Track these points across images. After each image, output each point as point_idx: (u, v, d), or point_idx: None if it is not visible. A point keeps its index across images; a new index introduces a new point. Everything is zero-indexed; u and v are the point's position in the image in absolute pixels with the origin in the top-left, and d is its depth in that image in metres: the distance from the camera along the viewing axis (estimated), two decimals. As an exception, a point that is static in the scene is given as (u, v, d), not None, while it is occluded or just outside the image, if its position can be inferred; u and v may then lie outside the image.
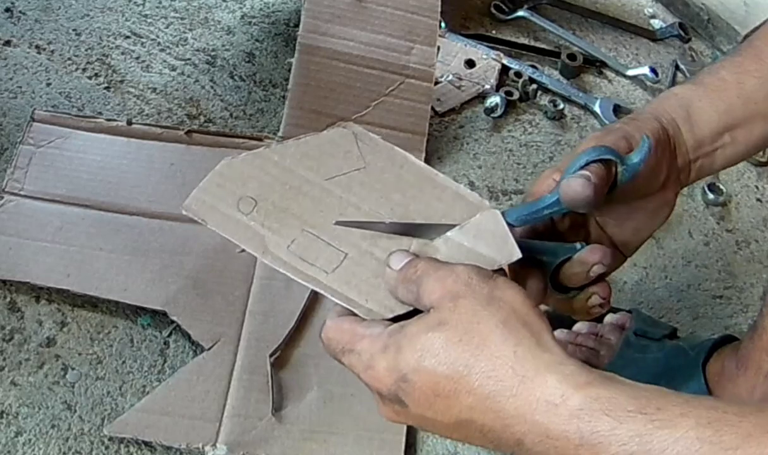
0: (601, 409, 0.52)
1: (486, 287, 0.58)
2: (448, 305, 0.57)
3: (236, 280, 1.05)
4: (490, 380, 0.55)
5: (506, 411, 0.55)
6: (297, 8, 1.35)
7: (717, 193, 1.29)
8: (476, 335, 0.56)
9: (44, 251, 1.03)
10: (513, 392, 0.54)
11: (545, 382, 0.54)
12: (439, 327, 0.57)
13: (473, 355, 0.55)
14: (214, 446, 0.94)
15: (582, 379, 0.53)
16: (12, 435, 0.93)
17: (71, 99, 1.20)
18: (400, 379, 0.58)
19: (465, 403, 0.56)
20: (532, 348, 0.55)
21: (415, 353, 0.57)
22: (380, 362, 0.59)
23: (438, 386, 0.56)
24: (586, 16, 1.52)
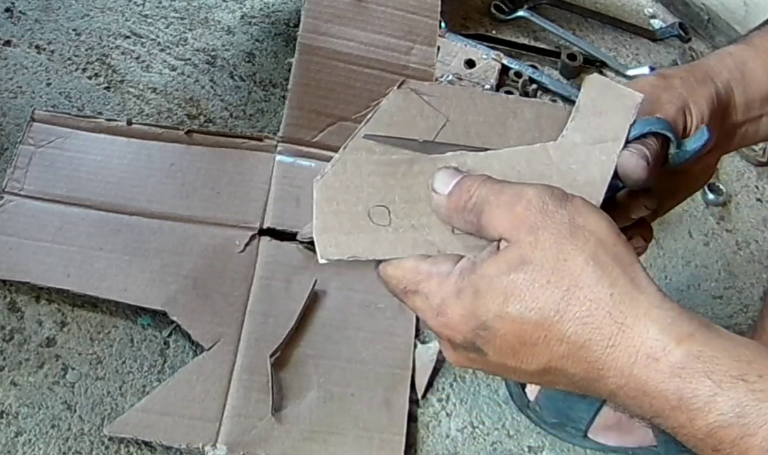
0: (703, 370, 0.48)
1: (566, 214, 0.51)
2: (528, 239, 0.51)
3: (236, 280, 1.05)
4: (585, 327, 0.50)
5: (602, 361, 0.50)
6: (297, 8, 1.35)
7: (717, 193, 1.29)
8: (566, 275, 0.50)
9: (44, 251, 1.03)
10: (611, 341, 0.50)
11: (646, 331, 0.49)
12: (522, 267, 0.50)
13: (564, 299, 0.50)
14: (214, 446, 0.94)
15: (684, 330, 0.49)
16: (12, 435, 0.93)
17: (71, 99, 1.20)
18: (479, 327, 0.52)
19: (556, 352, 0.51)
20: (629, 290, 0.50)
21: (497, 297, 0.51)
22: (454, 307, 0.53)
23: (525, 333, 0.51)
24: (586, 16, 1.52)
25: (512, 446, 1.02)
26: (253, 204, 1.11)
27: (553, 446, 1.02)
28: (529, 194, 0.52)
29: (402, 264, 0.56)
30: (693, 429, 0.48)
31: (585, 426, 0.99)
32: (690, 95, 0.69)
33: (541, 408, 1.00)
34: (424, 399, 1.03)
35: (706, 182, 0.77)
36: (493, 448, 1.01)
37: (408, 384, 1.02)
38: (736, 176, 1.34)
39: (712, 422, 0.47)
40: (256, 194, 1.12)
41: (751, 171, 1.35)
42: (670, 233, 1.25)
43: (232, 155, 1.15)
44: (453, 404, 1.04)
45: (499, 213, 0.52)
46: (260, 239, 1.09)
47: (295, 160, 1.16)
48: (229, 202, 1.11)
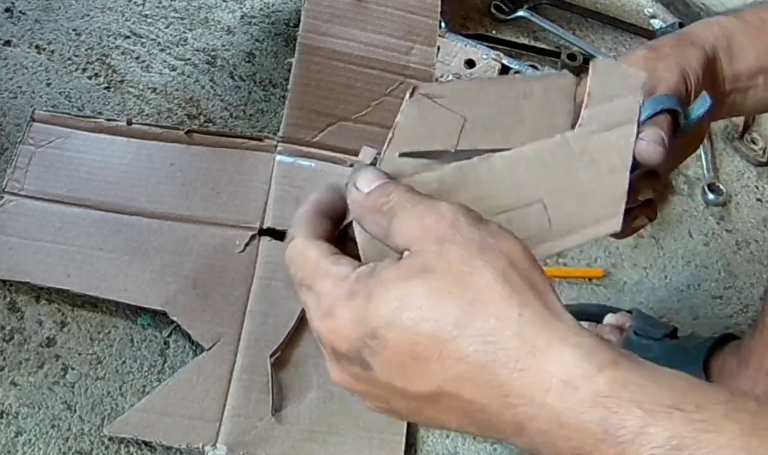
0: (631, 399, 0.42)
1: (477, 232, 0.47)
2: (432, 249, 0.46)
3: (236, 280, 1.05)
4: (488, 346, 0.44)
5: (508, 387, 0.44)
6: (297, 8, 1.35)
7: (717, 193, 1.29)
8: (470, 288, 0.45)
9: (44, 251, 1.03)
10: (519, 365, 0.44)
11: (562, 357, 0.43)
12: (422, 274, 0.45)
13: (466, 312, 0.44)
14: (214, 446, 0.94)
15: (606, 357, 0.44)
16: (12, 435, 0.93)
17: (71, 99, 1.20)
18: (367, 335, 0.46)
19: (452, 371, 0.45)
20: (542, 313, 0.45)
21: (391, 303, 0.45)
22: (344, 311, 0.47)
23: (417, 347, 0.45)
24: (586, 16, 1.52)
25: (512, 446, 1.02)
26: (253, 204, 1.11)
27: (553, 446, 1.02)
28: (443, 209, 0.48)
29: (307, 252, 0.51)
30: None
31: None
32: (684, 61, 0.69)
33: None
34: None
35: (697, 148, 0.78)
36: (493, 448, 1.01)
37: (408, 384, 1.02)
38: (736, 176, 1.34)
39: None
40: (256, 194, 1.12)
41: (751, 171, 1.35)
42: (670, 233, 1.25)
43: (232, 155, 1.15)
44: (453, 404, 1.03)
45: (409, 221, 0.48)
46: (260, 239, 1.09)
47: (295, 160, 1.16)
48: (229, 202, 1.11)
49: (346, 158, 1.16)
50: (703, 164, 1.33)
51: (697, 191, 1.30)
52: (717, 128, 1.38)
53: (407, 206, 0.48)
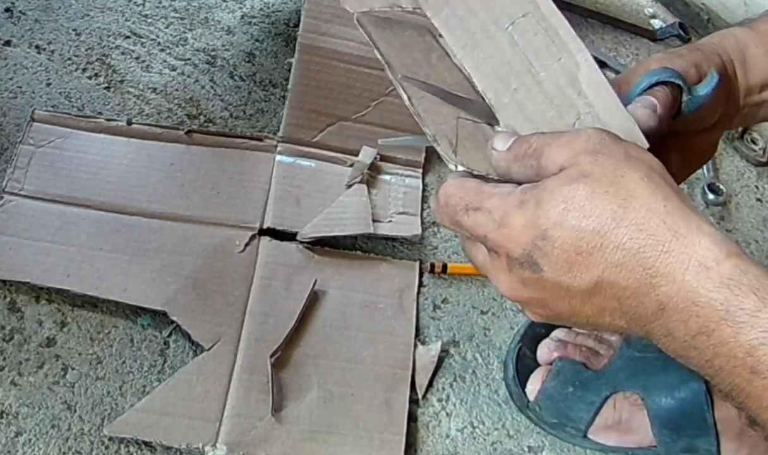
0: (749, 285, 0.50)
1: (621, 147, 0.55)
2: (588, 159, 0.54)
3: (236, 280, 1.05)
4: (641, 233, 0.52)
5: (656, 268, 0.51)
6: (297, 8, 1.35)
7: (717, 193, 1.29)
8: (623, 188, 0.52)
9: (44, 251, 1.03)
10: (665, 247, 0.51)
11: (699, 241, 0.51)
12: (582, 179, 0.53)
13: (621, 206, 0.52)
14: (214, 446, 0.94)
15: (732, 247, 0.51)
16: (12, 435, 0.93)
17: (71, 99, 1.20)
18: (538, 236, 0.54)
19: (611, 260, 0.52)
20: (681, 205, 0.52)
21: (558, 205, 0.53)
22: (516, 218, 0.54)
23: (582, 241, 0.53)
24: (586, 16, 1.52)
25: (512, 446, 1.02)
26: (253, 204, 1.11)
27: (553, 446, 1.02)
28: (589, 132, 0.55)
29: (464, 183, 0.58)
30: (735, 346, 0.49)
31: (585, 426, 0.98)
32: (700, 58, 0.71)
33: (541, 408, 1.00)
34: (424, 399, 1.03)
35: (709, 159, 0.80)
36: (493, 448, 1.01)
37: (408, 384, 1.02)
38: (736, 176, 1.34)
39: (753, 338, 0.48)
40: (256, 194, 1.12)
41: (751, 171, 1.35)
42: (670, 233, 1.25)
43: (232, 155, 1.15)
44: (453, 404, 1.03)
45: (559, 149, 0.55)
46: (260, 239, 1.09)
47: (295, 160, 1.16)
48: (229, 202, 1.11)
49: (346, 158, 1.16)
50: (703, 164, 1.33)
51: (697, 191, 1.30)
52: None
53: (551, 142, 0.56)
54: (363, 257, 1.11)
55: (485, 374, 1.06)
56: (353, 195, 1.13)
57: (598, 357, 1.01)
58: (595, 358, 1.00)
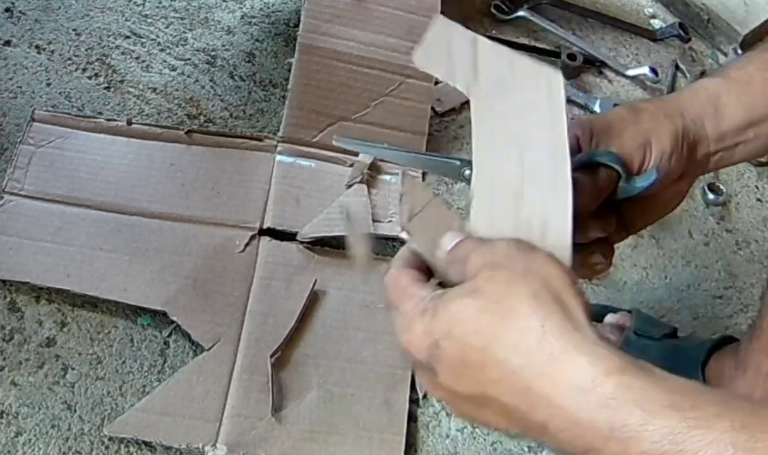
0: (633, 400, 0.49)
1: (524, 259, 0.55)
2: (486, 274, 0.55)
3: (236, 280, 1.05)
4: (517, 353, 0.52)
5: (533, 391, 0.51)
6: (297, 8, 1.35)
7: (717, 193, 1.29)
8: (507, 306, 0.53)
9: (44, 251, 1.03)
10: (540, 370, 0.51)
11: (575, 364, 0.50)
12: (472, 294, 0.55)
13: (500, 325, 0.53)
14: (214, 446, 0.94)
15: (615, 364, 0.50)
16: (12, 435, 0.93)
17: (71, 99, 1.20)
18: (432, 345, 0.55)
19: (492, 376, 0.53)
20: (562, 324, 0.52)
21: (447, 319, 0.55)
22: (417, 325, 0.57)
23: (466, 355, 0.54)
24: (586, 16, 1.52)
25: (512, 446, 1.02)
26: (253, 204, 1.11)
27: (553, 446, 1.02)
28: (500, 244, 0.57)
29: (399, 280, 0.61)
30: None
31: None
32: (654, 131, 0.72)
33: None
34: (424, 399, 1.03)
35: (678, 205, 0.80)
36: (493, 448, 1.01)
37: (408, 384, 1.02)
38: (736, 176, 1.34)
39: (643, 451, 0.48)
40: (256, 194, 1.12)
41: (751, 171, 1.35)
42: (670, 233, 1.25)
43: (232, 155, 1.15)
44: (453, 404, 1.03)
45: (476, 258, 0.57)
46: (260, 239, 1.09)
47: (295, 160, 1.16)
48: (229, 202, 1.11)
49: (346, 158, 1.16)
50: (703, 164, 1.33)
51: (697, 191, 1.30)
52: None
53: (475, 248, 0.58)
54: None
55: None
56: (353, 195, 1.13)
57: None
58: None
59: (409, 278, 0.61)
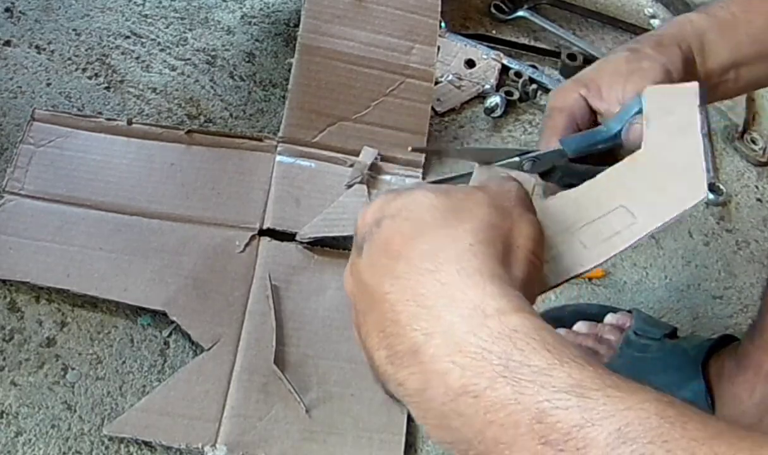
0: (543, 342, 0.41)
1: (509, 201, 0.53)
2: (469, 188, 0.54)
3: (236, 280, 1.05)
4: (433, 257, 0.46)
5: (425, 296, 0.45)
6: (297, 8, 1.34)
7: (717, 193, 1.29)
8: (456, 215, 0.49)
9: (44, 250, 1.03)
10: (444, 279, 0.45)
11: (483, 287, 0.44)
12: (437, 191, 0.51)
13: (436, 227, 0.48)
14: (214, 446, 0.94)
15: (527, 307, 0.44)
16: (12, 435, 0.93)
17: (71, 99, 1.20)
18: (375, 222, 0.51)
19: (396, 270, 0.47)
20: (491, 261, 0.46)
21: (403, 202, 0.50)
22: (379, 200, 0.53)
23: (391, 242, 0.49)
24: (586, 16, 1.52)
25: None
26: (253, 205, 1.11)
27: (553, 446, 1.02)
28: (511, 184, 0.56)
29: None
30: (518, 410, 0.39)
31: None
32: (666, 59, 0.72)
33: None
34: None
35: None
36: (492, 448, 1.01)
37: (408, 384, 1.02)
38: (736, 176, 1.34)
39: (543, 400, 0.38)
40: (256, 195, 1.12)
41: (751, 171, 1.35)
42: (670, 233, 1.25)
43: (232, 156, 1.15)
44: (453, 404, 1.03)
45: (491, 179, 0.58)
46: (260, 240, 1.09)
47: (296, 160, 1.16)
48: (229, 202, 1.11)
49: (347, 158, 1.16)
50: (703, 164, 1.32)
51: (697, 191, 1.30)
52: (717, 127, 1.38)
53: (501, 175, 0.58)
54: (363, 257, 1.11)
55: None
56: (353, 195, 1.13)
57: (599, 358, 1.01)
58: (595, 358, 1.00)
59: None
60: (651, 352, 0.99)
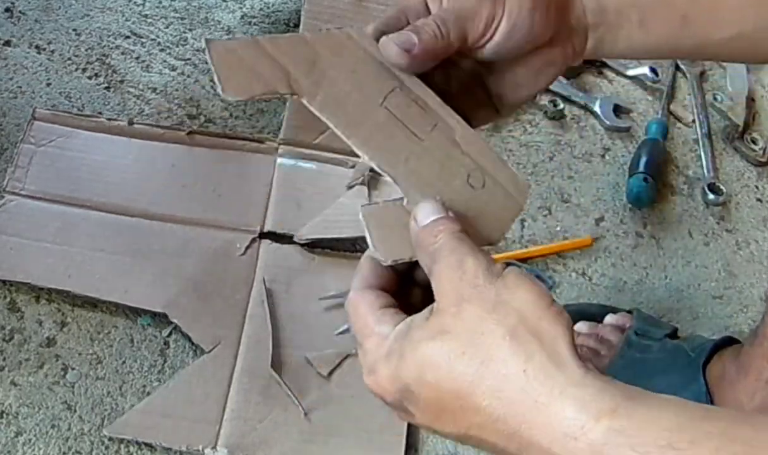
0: (627, 444, 0.45)
1: (493, 290, 0.50)
2: (452, 310, 0.50)
3: (237, 283, 1.05)
4: (499, 401, 0.48)
5: (520, 436, 0.48)
6: (297, 8, 1.34)
7: (717, 193, 1.29)
8: (482, 349, 0.49)
9: (45, 251, 1.03)
10: (525, 418, 0.48)
11: (562, 410, 0.47)
12: (441, 336, 0.50)
13: (478, 372, 0.49)
14: (214, 448, 0.94)
15: (605, 405, 0.46)
16: (12, 435, 0.93)
17: (71, 99, 1.20)
18: (402, 389, 0.52)
19: (473, 421, 0.50)
20: (545, 365, 0.48)
21: (417, 364, 0.51)
22: (383, 369, 0.53)
23: (443, 401, 0.50)
24: (586, 16, 1.52)
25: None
26: (253, 207, 1.11)
27: (553, 447, 1.02)
28: (468, 265, 0.52)
29: (358, 307, 0.56)
30: None
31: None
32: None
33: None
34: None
35: (552, 80, 0.70)
36: (493, 449, 1.01)
37: (408, 385, 1.02)
38: (736, 176, 1.34)
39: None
40: (257, 197, 1.12)
41: (751, 171, 1.35)
42: (670, 233, 1.25)
43: (233, 157, 1.15)
44: (453, 404, 1.03)
45: (443, 272, 0.52)
46: (261, 243, 1.09)
47: (296, 162, 1.16)
48: (230, 204, 1.11)
49: (348, 159, 1.16)
50: (703, 164, 1.32)
51: (697, 191, 1.30)
52: (717, 128, 1.38)
53: (445, 254, 0.53)
54: (363, 258, 1.11)
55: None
56: (353, 197, 1.13)
57: (600, 358, 1.01)
58: (596, 359, 1.00)
59: (368, 305, 0.56)
60: (652, 353, 0.99)
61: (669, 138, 1.34)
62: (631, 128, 1.34)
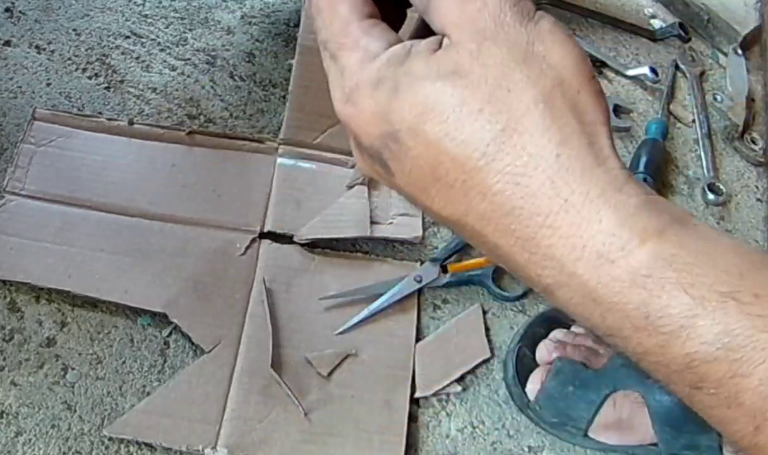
0: (677, 281, 0.35)
1: (525, 33, 0.39)
2: (470, 47, 0.38)
3: (237, 283, 1.05)
4: (517, 188, 0.37)
5: (535, 244, 0.37)
6: (297, 8, 1.34)
7: (717, 193, 1.29)
8: (505, 110, 0.37)
9: (45, 251, 1.03)
10: (548, 220, 0.37)
11: (598, 219, 0.36)
12: (453, 78, 0.38)
13: (496, 140, 0.37)
14: (214, 448, 0.94)
15: (652, 223, 0.36)
16: (12, 435, 0.93)
17: (71, 99, 1.20)
18: (388, 136, 0.40)
19: (475, 207, 0.39)
20: (584, 156, 0.37)
21: (416, 106, 0.38)
22: (367, 100, 0.40)
23: (438, 167, 0.39)
24: (586, 16, 1.52)
25: (512, 446, 1.02)
26: (253, 207, 1.11)
27: (553, 446, 1.02)
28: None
29: (337, 6, 0.43)
30: (665, 359, 0.37)
31: (585, 426, 0.99)
32: None
33: (541, 407, 1.00)
34: (424, 399, 1.03)
35: None
36: (493, 448, 1.01)
37: (408, 385, 1.02)
38: (736, 176, 1.34)
39: (691, 352, 0.36)
40: (257, 197, 1.12)
41: (751, 171, 1.35)
42: (669, 233, 1.25)
43: (233, 157, 1.15)
44: (453, 404, 1.04)
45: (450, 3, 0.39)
46: (261, 242, 1.09)
47: (296, 162, 1.16)
48: (230, 204, 1.11)
49: (348, 159, 1.16)
50: (703, 164, 1.33)
51: (697, 191, 1.30)
52: (717, 128, 1.38)
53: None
54: (364, 259, 1.11)
55: (485, 374, 1.06)
56: (353, 197, 1.13)
57: (598, 356, 1.01)
58: (594, 357, 1.00)
59: (351, 5, 0.43)
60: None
61: (669, 138, 1.34)
62: (631, 128, 1.34)
